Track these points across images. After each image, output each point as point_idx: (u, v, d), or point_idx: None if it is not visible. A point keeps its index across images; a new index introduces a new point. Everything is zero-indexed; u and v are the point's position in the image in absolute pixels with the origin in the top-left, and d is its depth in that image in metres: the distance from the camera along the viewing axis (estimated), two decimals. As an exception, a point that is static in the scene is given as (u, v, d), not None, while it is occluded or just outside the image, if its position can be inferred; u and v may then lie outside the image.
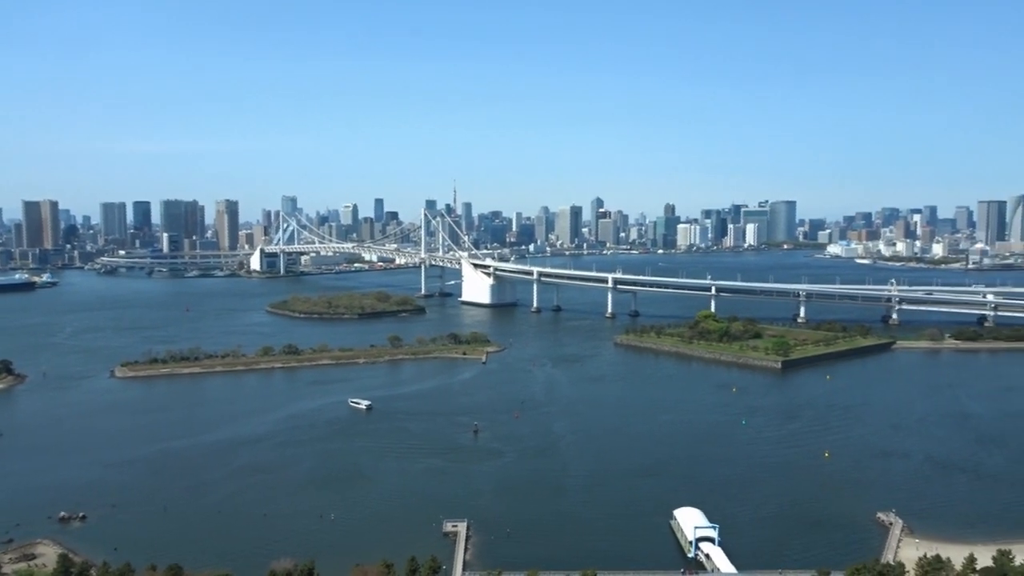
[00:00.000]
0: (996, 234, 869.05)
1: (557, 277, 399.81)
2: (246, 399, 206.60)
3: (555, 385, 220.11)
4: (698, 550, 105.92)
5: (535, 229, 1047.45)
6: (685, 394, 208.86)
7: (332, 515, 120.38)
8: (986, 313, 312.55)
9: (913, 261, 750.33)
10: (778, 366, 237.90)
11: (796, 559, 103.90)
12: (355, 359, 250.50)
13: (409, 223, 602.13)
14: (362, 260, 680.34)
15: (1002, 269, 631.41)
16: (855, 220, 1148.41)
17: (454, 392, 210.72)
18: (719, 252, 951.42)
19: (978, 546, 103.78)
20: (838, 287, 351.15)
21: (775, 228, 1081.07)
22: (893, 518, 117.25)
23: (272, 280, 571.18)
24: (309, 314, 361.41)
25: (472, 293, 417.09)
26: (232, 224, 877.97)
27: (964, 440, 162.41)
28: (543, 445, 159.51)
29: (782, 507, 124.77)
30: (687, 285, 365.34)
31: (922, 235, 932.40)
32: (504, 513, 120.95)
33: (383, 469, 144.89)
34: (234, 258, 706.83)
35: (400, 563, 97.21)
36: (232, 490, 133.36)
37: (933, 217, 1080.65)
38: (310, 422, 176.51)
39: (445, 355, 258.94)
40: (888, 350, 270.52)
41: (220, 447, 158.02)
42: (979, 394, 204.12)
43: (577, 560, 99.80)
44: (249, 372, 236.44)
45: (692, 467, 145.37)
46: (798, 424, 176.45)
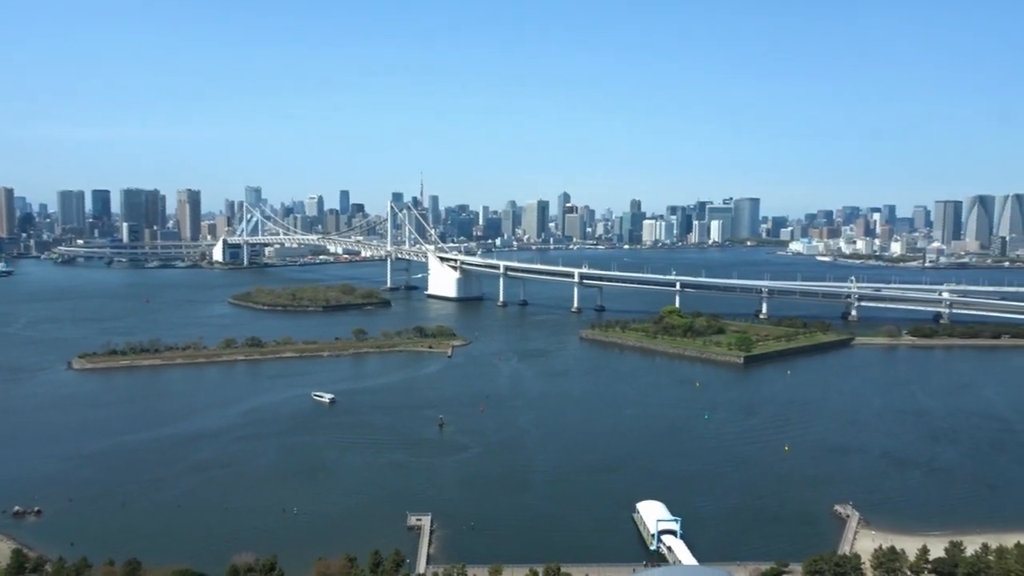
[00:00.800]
0: (952, 233, 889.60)
1: (523, 271, 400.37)
2: (207, 392, 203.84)
3: (520, 379, 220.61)
4: (660, 543, 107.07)
5: (502, 223, 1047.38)
6: (649, 389, 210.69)
7: (295, 509, 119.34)
8: (942, 311, 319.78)
9: (872, 259, 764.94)
10: (740, 361, 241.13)
11: (756, 551, 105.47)
12: (319, 352, 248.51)
13: (375, 216, 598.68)
14: (327, 252, 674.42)
15: (957, 268, 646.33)
16: (817, 218, 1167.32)
17: (419, 386, 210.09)
18: (684, 248, 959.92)
19: (931, 538, 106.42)
20: (799, 284, 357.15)
21: (739, 225, 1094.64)
22: (850, 511, 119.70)
23: (235, 271, 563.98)
24: (273, 306, 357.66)
25: (438, 287, 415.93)
26: (194, 214, 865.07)
27: (919, 435, 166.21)
28: (508, 439, 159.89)
29: (743, 500, 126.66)
30: (652, 280, 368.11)
31: (881, 234, 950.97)
32: (468, 507, 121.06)
33: (347, 463, 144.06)
34: (196, 249, 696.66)
35: (363, 557, 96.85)
36: (192, 484, 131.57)
37: (892, 216, 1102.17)
38: (272, 415, 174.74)
39: (410, 349, 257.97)
40: (847, 346, 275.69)
41: (180, 441, 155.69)
42: (934, 391, 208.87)
43: (541, 554, 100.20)
44: (211, 364, 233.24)
45: (655, 461, 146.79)
46: (759, 419, 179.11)
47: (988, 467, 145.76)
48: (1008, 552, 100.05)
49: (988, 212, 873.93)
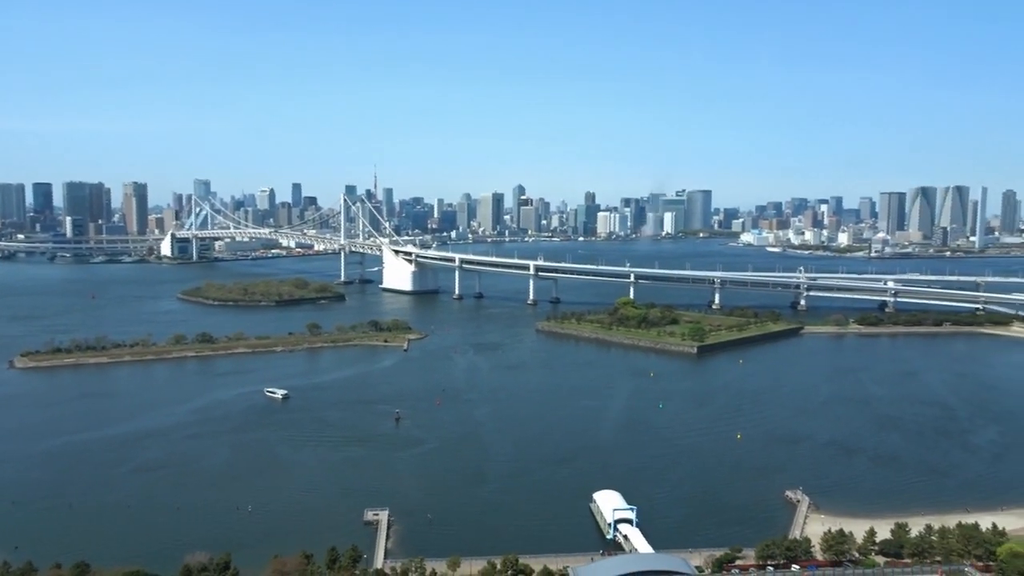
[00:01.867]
0: (896, 224, 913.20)
1: (479, 264, 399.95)
2: (157, 389, 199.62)
3: (477, 372, 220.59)
4: (617, 532, 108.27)
5: (457, 216, 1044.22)
6: (605, 380, 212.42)
7: (249, 507, 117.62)
8: (887, 299, 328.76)
9: (820, 249, 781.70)
10: (694, 351, 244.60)
11: (710, 537, 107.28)
12: (272, 347, 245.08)
13: (328, 208, 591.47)
14: (279, 246, 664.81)
15: (901, 257, 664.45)
16: (767, 209, 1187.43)
17: (375, 380, 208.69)
18: (638, 240, 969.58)
19: (878, 520, 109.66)
20: (750, 274, 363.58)
21: (692, 217, 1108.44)
22: (800, 496, 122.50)
23: (184, 266, 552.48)
24: (224, 301, 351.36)
25: (393, 280, 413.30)
26: (141, 208, 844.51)
27: (866, 422, 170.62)
28: (465, 432, 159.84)
29: (697, 488, 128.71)
30: (607, 272, 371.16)
31: (829, 225, 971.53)
32: (426, 501, 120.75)
33: (301, 459, 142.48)
34: (143, 243, 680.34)
35: (320, 553, 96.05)
36: (142, 484, 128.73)
37: (839, 207, 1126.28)
38: (224, 413, 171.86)
39: (365, 343, 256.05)
40: (797, 335, 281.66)
41: (129, 440, 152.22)
42: (880, 378, 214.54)
43: (499, 545, 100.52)
44: (160, 362, 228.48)
45: (611, 451, 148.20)
46: (712, 408, 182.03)
47: (931, 452, 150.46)
48: (950, 532, 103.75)
49: (930, 203, 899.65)
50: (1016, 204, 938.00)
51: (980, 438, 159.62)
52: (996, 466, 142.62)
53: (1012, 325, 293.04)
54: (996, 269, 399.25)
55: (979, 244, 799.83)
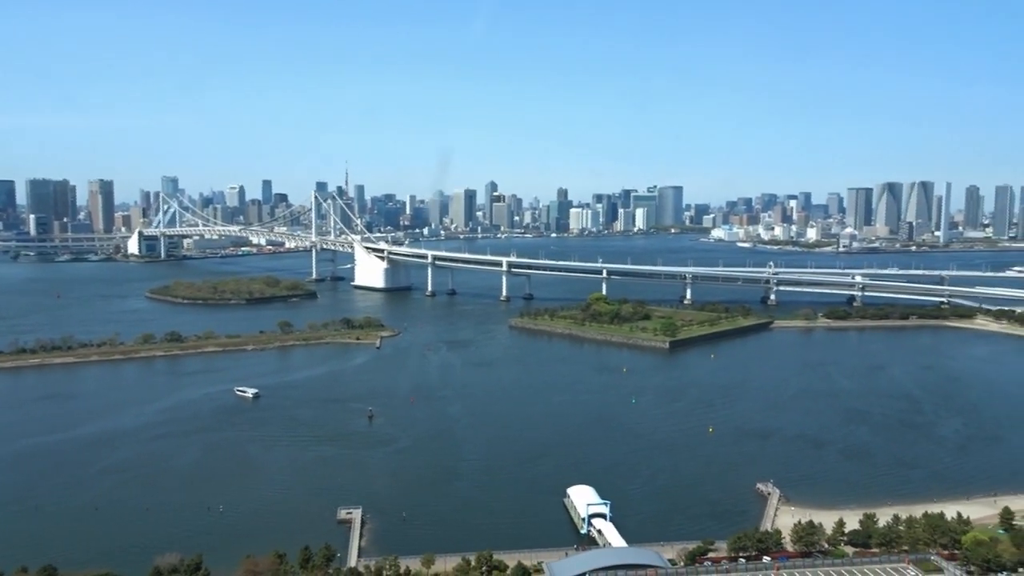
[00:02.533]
0: (863, 219, 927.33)
1: (452, 261, 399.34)
2: (125, 389, 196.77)
3: (450, 369, 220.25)
4: (591, 526, 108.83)
5: (429, 212, 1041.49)
6: (578, 375, 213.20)
7: (220, 507, 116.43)
8: (854, 294, 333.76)
9: (789, 244, 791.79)
10: (666, 346, 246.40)
11: (683, 530, 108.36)
12: (243, 346, 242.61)
13: (299, 205, 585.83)
14: (250, 244, 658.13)
15: (868, 252, 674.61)
16: (737, 205, 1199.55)
17: (347, 378, 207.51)
18: (610, 236, 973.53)
19: (846, 511, 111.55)
20: (721, 270, 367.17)
21: (663, 213, 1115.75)
22: (771, 488, 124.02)
23: (152, 264, 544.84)
24: (193, 300, 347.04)
25: (365, 277, 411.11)
26: (107, 205, 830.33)
27: (834, 415, 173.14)
28: (439, 429, 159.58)
29: (669, 482, 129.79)
30: (579, 268, 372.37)
31: (798, 220, 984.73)
32: (400, 499, 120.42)
33: (273, 459, 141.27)
34: (110, 242, 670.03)
35: (293, 553, 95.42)
36: (110, 485, 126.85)
37: (808, 203, 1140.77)
38: (193, 412, 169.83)
39: (338, 340, 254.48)
40: (767, 329, 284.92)
41: (97, 441, 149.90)
42: (848, 371, 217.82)
43: (473, 542, 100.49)
44: (128, 361, 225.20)
45: (585, 446, 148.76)
46: (684, 402, 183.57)
47: (898, 444, 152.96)
48: (917, 521, 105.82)
49: (896, 199, 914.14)
50: (979, 199, 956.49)
51: (945, 430, 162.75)
52: (961, 457, 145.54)
53: (975, 318, 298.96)
54: (960, 263, 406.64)
55: (943, 239, 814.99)
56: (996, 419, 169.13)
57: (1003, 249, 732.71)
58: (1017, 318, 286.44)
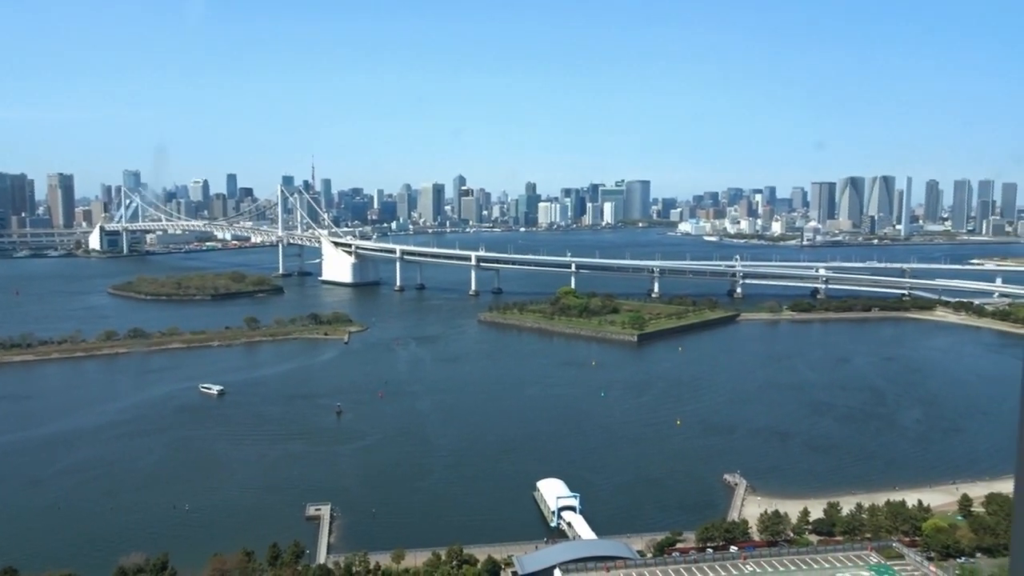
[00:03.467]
0: (827, 213, 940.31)
1: (420, 255, 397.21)
2: (87, 388, 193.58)
3: (420, 364, 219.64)
4: (560, 519, 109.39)
5: (397, 207, 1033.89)
6: (547, 369, 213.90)
7: (186, 506, 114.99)
8: (818, 286, 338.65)
9: (755, 238, 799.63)
10: (634, 340, 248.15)
11: (651, 522, 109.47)
12: (209, 342, 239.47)
13: (265, 200, 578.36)
14: (214, 239, 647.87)
15: (832, 245, 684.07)
16: (704, 199, 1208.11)
17: (315, 374, 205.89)
18: (578, 230, 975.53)
19: (811, 501, 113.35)
20: (688, 263, 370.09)
21: (631, 207, 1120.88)
22: (738, 479, 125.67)
23: (114, 260, 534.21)
24: (157, 296, 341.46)
25: (333, 272, 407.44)
26: (67, 200, 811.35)
27: (799, 406, 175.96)
28: (408, 424, 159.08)
29: (638, 474, 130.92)
30: (548, 263, 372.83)
31: (763, 214, 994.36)
32: (369, 494, 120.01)
33: (240, 456, 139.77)
34: (70, 237, 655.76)
35: (261, 550, 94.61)
36: (73, 485, 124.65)
37: (772, 197, 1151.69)
38: (157, 411, 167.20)
39: (305, 336, 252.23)
40: (733, 322, 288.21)
41: (58, 440, 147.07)
42: (813, 363, 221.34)
43: (443, 536, 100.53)
44: (90, 359, 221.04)
45: (554, 439, 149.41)
46: (652, 395, 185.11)
47: (861, 434, 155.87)
48: (879, 510, 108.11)
49: (859, 193, 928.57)
50: (939, 194, 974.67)
51: (907, 420, 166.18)
52: (921, 446, 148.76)
53: (935, 310, 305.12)
54: (920, 256, 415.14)
55: (904, 232, 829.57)
56: (956, 409, 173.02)
57: (962, 242, 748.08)
58: (975, 310, 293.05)
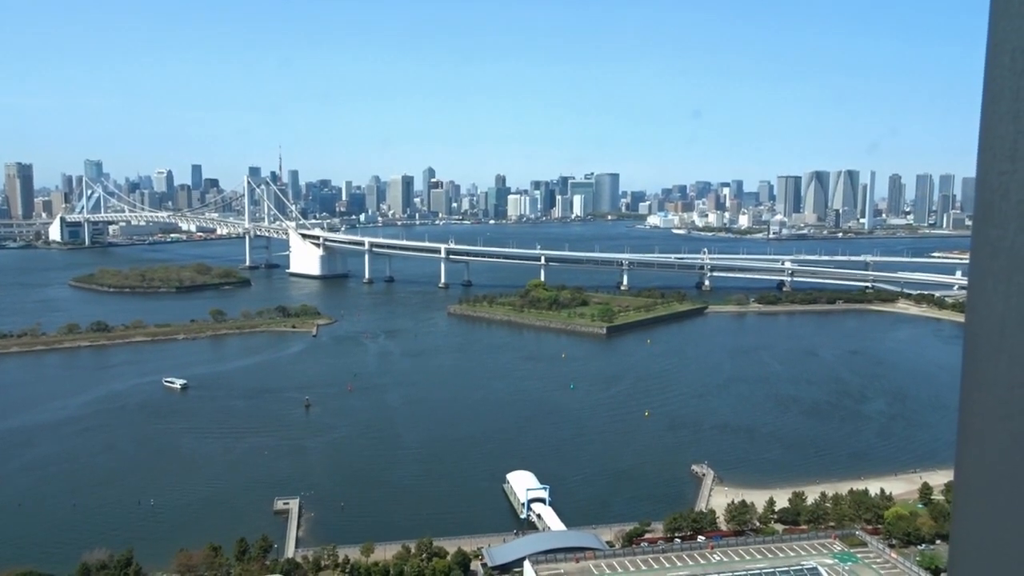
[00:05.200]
0: (793, 207, 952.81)
1: (389, 248, 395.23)
2: (47, 382, 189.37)
3: (389, 357, 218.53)
4: (530, 511, 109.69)
5: (366, 199, 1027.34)
6: (517, 362, 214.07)
7: (151, 501, 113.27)
8: (784, 279, 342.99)
9: (723, 231, 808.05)
10: (603, 332, 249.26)
11: (620, 513, 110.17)
12: (174, 335, 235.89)
13: (231, 191, 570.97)
14: (179, 230, 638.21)
15: (797, 239, 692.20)
16: (672, 192, 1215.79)
17: (283, 367, 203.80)
18: (548, 223, 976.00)
19: (777, 490, 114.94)
20: (657, 256, 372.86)
21: (600, 200, 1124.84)
22: (706, 469, 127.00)
23: (75, 251, 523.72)
24: (120, 288, 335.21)
25: (301, 265, 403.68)
26: (26, 190, 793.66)
27: (766, 398, 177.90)
28: (377, 418, 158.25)
29: (607, 465, 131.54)
30: (518, 255, 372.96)
31: (730, 207, 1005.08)
32: (338, 488, 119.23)
33: (205, 450, 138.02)
34: (30, 228, 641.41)
35: (228, 545, 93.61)
36: (33, 481, 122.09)
37: (740, 190, 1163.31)
38: (119, 405, 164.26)
39: (273, 329, 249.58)
40: (701, 314, 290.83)
41: (15, 436, 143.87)
42: (779, 355, 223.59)
43: (413, 529, 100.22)
44: (51, 352, 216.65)
45: (524, 432, 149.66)
46: (622, 387, 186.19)
47: (826, 425, 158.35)
48: (843, 499, 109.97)
49: (824, 187, 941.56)
50: (901, 188, 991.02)
51: (871, 410, 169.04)
52: (884, 436, 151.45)
53: (898, 302, 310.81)
54: (883, 249, 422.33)
55: (868, 226, 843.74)
56: (918, 399, 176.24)
57: (923, 236, 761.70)
58: (936, 302, 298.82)
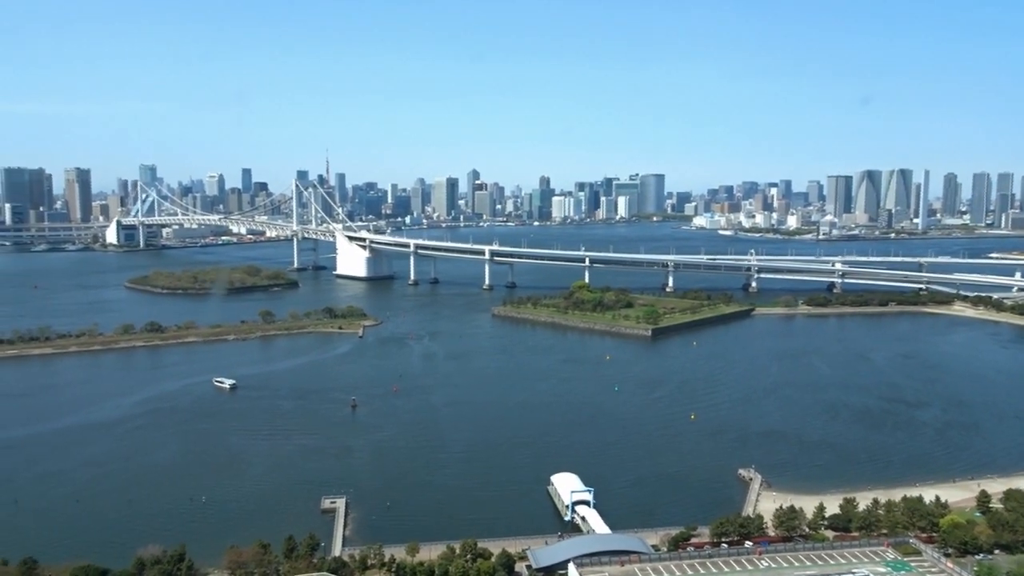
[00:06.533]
0: (843, 207, 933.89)
1: (434, 249, 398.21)
2: (103, 381, 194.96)
3: (433, 358, 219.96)
4: (574, 513, 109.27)
5: (411, 201, 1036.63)
6: (560, 363, 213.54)
7: (203, 498, 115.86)
8: (834, 280, 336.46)
9: (770, 232, 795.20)
10: (648, 334, 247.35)
11: (666, 516, 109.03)
12: (224, 336, 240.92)
13: (280, 194, 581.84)
14: (230, 233, 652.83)
15: (848, 240, 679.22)
16: (718, 193, 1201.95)
17: (330, 367, 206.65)
18: (592, 224, 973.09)
19: (827, 496, 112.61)
20: (703, 258, 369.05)
21: (645, 201, 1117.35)
22: (753, 474, 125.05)
23: (131, 254, 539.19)
24: (173, 289, 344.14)
25: (347, 266, 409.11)
26: (84, 194, 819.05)
27: (815, 401, 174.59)
28: (422, 419, 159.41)
29: (652, 468, 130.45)
30: (562, 256, 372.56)
31: (778, 208, 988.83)
32: (384, 487, 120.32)
33: (255, 449, 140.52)
34: (88, 231, 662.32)
35: (277, 543, 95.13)
36: (91, 477, 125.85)
37: (788, 191, 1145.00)
38: (171, 404, 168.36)
39: (320, 330, 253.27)
40: (748, 316, 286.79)
41: (73, 433, 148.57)
42: (828, 358, 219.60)
43: (457, 530, 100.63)
44: (107, 352, 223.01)
45: (568, 434, 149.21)
46: (667, 389, 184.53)
47: (878, 430, 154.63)
48: (896, 505, 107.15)
49: (876, 187, 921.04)
50: (957, 187, 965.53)
51: (925, 415, 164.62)
52: (940, 442, 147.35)
53: (953, 304, 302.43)
54: (938, 250, 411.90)
55: (922, 226, 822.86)
56: (975, 405, 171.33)
57: (980, 236, 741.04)
58: (994, 304, 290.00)
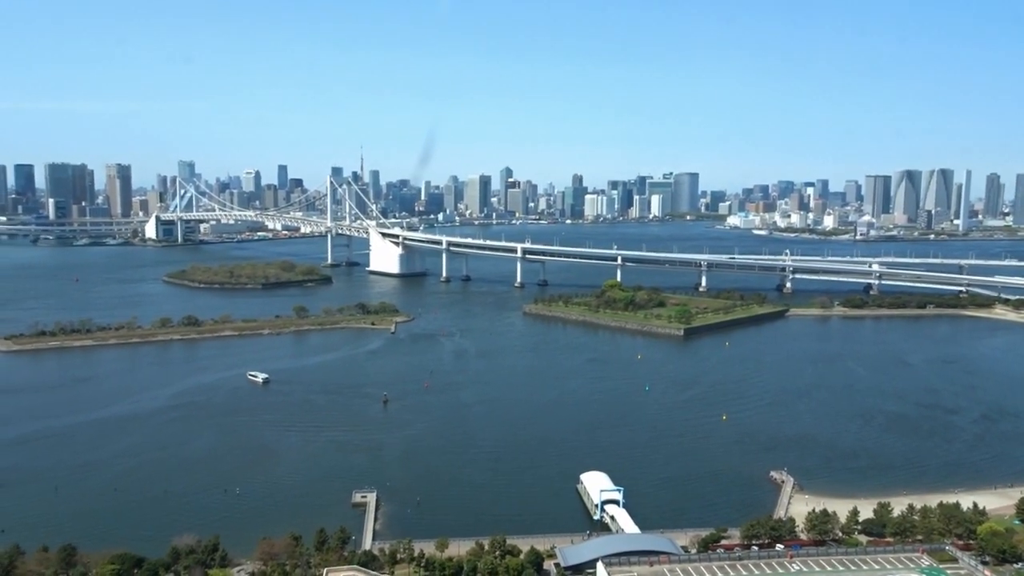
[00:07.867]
0: (881, 207, 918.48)
1: (466, 247, 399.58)
2: (141, 373, 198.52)
3: (464, 355, 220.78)
4: (604, 512, 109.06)
5: (444, 198, 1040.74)
6: (592, 362, 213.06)
7: (237, 489, 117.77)
8: (871, 282, 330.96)
9: (806, 232, 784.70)
10: (680, 333, 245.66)
11: (696, 517, 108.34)
12: (259, 330, 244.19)
13: (314, 191, 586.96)
14: (265, 228, 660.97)
15: (886, 240, 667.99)
16: (753, 192, 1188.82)
17: (362, 363, 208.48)
18: (625, 223, 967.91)
19: (861, 500, 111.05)
20: (737, 257, 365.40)
21: (679, 199, 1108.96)
22: (785, 476, 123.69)
23: (169, 249, 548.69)
24: (210, 284, 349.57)
25: (380, 263, 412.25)
26: (124, 190, 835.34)
27: (849, 404, 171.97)
28: (453, 414, 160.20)
29: (683, 469, 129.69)
30: (594, 255, 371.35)
31: (814, 207, 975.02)
32: (414, 483, 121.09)
33: (288, 442, 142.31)
34: (128, 226, 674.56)
35: (308, 535, 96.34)
36: (128, 467, 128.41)
37: (825, 190, 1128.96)
38: (206, 397, 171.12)
39: (353, 325, 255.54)
40: (782, 317, 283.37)
41: (111, 423, 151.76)
42: (864, 361, 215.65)
43: (486, 526, 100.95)
44: (145, 344, 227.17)
45: (598, 432, 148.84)
46: (698, 389, 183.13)
47: (914, 434, 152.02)
48: (932, 511, 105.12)
49: (915, 187, 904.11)
50: (1000, 188, 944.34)
51: (963, 420, 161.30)
52: (978, 448, 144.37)
53: (995, 307, 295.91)
54: (979, 252, 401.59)
55: (963, 227, 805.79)
56: (1016, 411, 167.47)
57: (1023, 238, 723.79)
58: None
